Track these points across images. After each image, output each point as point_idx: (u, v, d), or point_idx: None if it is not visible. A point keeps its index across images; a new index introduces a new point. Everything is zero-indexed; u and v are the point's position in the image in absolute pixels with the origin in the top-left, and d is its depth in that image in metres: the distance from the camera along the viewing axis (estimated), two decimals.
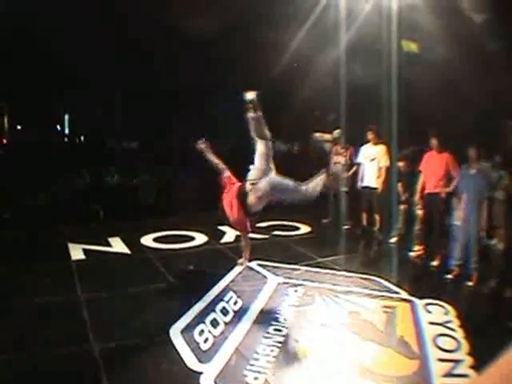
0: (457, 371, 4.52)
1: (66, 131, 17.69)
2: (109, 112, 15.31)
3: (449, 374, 4.47)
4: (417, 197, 8.58)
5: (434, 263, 8.01)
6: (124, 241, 8.86)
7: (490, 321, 5.83)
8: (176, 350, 4.81)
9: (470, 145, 7.45)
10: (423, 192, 8.43)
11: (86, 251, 8.19)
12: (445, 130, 8.80)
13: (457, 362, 4.68)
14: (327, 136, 14.06)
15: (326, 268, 7.68)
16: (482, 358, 4.57)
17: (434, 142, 8.31)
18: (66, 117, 17.43)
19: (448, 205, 7.97)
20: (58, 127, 17.64)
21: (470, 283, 7.08)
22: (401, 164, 9.39)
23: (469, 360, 4.69)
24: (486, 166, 7.98)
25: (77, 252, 8.14)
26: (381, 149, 9.80)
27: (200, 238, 9.16)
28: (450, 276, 7.35)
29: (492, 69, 9.55)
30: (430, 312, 5.92)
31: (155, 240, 9.04)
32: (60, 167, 12.50)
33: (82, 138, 17.70)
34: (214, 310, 5.80)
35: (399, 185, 9.54)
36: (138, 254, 8.32)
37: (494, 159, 8.01)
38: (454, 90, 9.95)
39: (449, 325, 5.55)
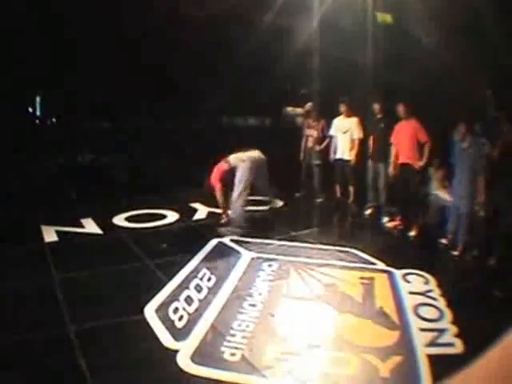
0: (441, 340, 4.45)
1: (38, 113, 17.34)
2: (80, 90, 14.87)
3: (433, 344, 4.39)
4: (390, 169, 8.53)
5: (412, 233, 7.95)
6: (96, 221, 8.67)
7: (472, 289, 5.80)
8: (151, 329, 4.72)
9: (460, 119, 7.28)
10: (396, 163, 8.37)
11: (58, 233, 8.04)
12: (423, 100, 8.72)
13: (441, 331, 4.61)
14: (299, 110, 13.98)
15: (300, 241, 7.58)
16: (466, 326, 4.57)
17: (400, 109, 8.23)
18: (38, 99, 17.05)
19: (423, 174, 7.92)
20: (30, 109, 17.27)
21: (456, 253, 6.98)
22: (376, 107, 9.16)
23: (453, 329, 4.63)
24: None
25: (49, 234, 7.99)
26: (354, 121, 9.70)
27: (172, 216, 9.01)
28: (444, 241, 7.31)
29: (471, 38, 9.42)
30: (409, 282, 5.84)
31: (127, 219, 8.87)
32: (32, 149, 12.27)
33: (54, 119, 17.37)
34: (187, 288, 5.70)
35: (371, 138, 9.33)
36: (110, 234, 8.19)
37: (474, 128, 7.90)
38: (432, 60, 9.81)
39: (430, 294, 5.48)
